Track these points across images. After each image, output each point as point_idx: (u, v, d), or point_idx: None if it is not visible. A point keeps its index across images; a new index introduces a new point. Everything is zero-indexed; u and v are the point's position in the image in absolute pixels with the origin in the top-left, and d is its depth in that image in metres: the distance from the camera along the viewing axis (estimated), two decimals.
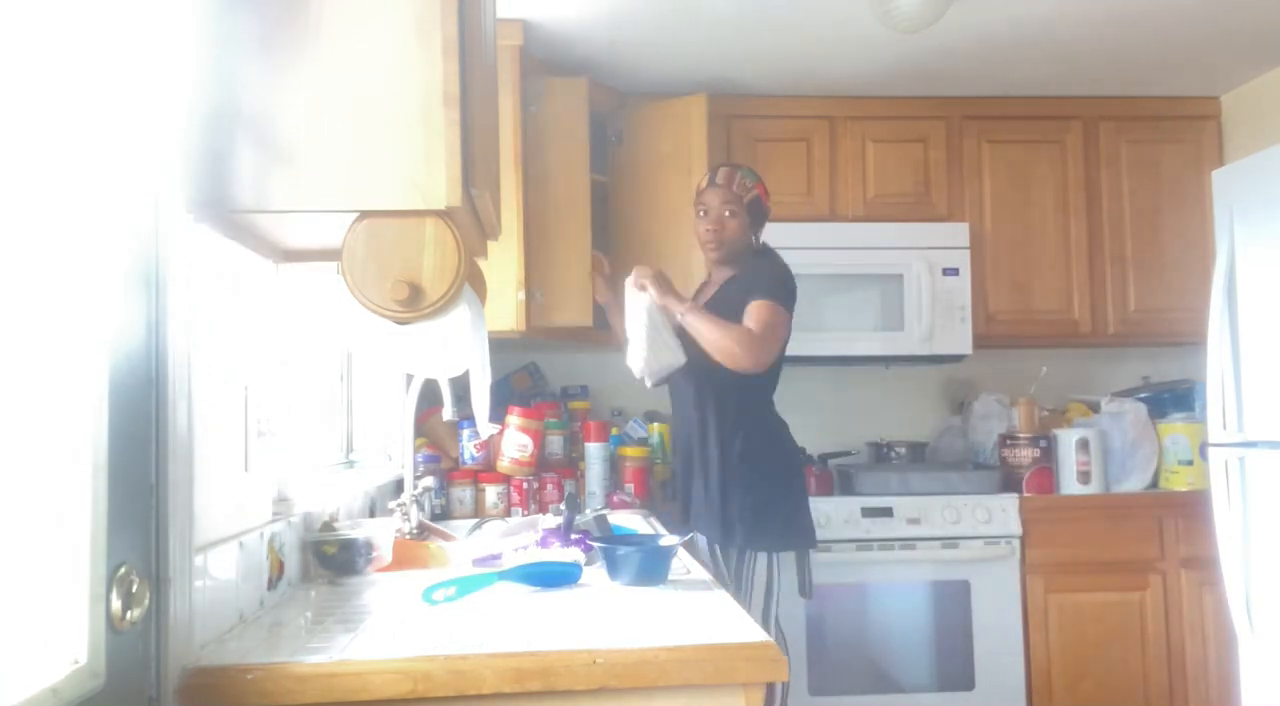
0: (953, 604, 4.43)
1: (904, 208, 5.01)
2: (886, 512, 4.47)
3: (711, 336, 3.38)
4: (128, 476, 1.53)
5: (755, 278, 3.52)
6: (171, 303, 1.65)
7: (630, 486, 4.32)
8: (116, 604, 1.46)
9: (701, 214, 3.64)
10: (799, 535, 3.52)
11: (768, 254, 3.65)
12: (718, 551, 3.48)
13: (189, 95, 1.79)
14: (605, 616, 2.07)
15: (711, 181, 3.64)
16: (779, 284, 3.48)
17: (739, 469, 3.46)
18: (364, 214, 1.90)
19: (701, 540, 3.52)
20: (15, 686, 1.26)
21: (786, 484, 3.53)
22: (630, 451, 4.42)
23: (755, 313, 3.39)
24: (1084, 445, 4.59)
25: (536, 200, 4.37)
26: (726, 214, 3.60)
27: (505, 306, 4.13)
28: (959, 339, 4.82)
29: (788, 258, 3.69)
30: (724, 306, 3.49)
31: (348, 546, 2.53)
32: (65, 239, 1.41)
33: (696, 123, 4.63)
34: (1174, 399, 4.96)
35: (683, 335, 3.48)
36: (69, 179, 1.43)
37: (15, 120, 1.31)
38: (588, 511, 3.16)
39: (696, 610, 2.12)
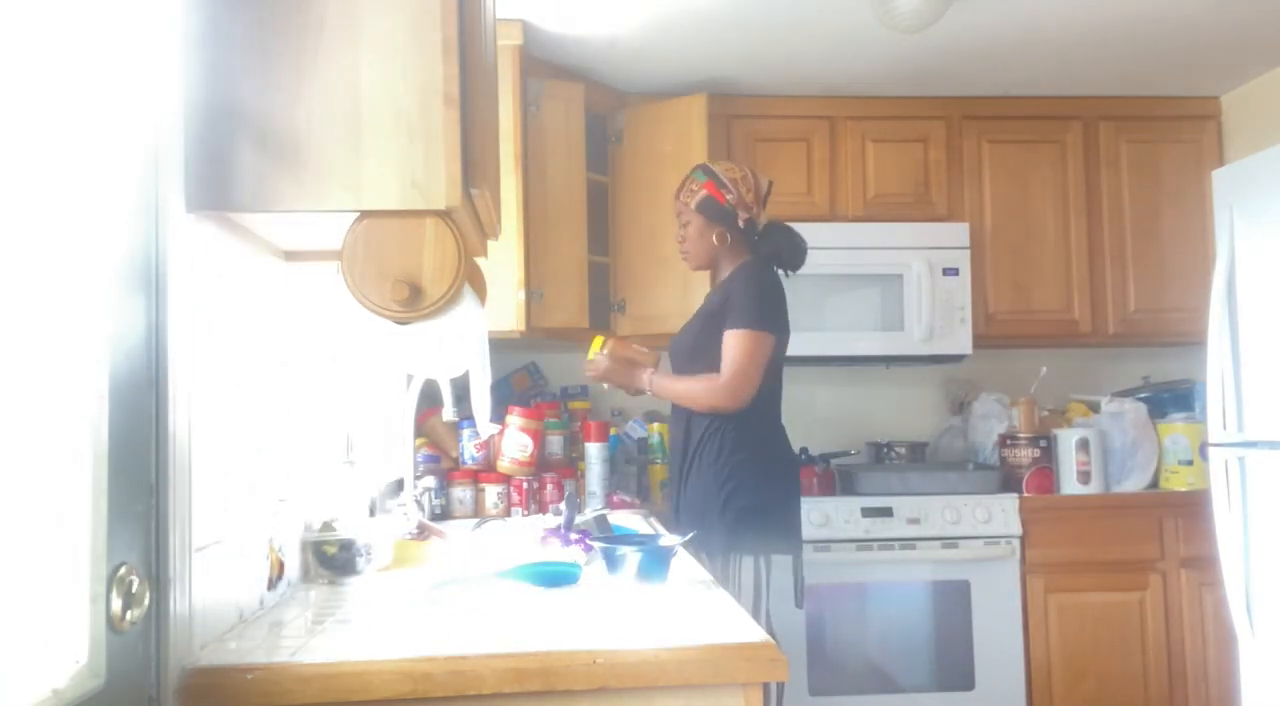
0: (953, 604, 4.43)
1: (904, 207, 5.02)
2: (886, 512, 4.47)
3: (685, 397, 3.48)
4: (128, 476, 1.53)
5: (729, 297, 3.48)
6: (172, 303, 1.65)
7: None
8: (117, 604, 1.46)
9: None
10: (786, 539, 3.48)
11: (748, 264, 3.57)
12: (703, 557, 3.45)
13: (189, 95, 1.80)
14: (605, 616, 2.07)
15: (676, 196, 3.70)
16: (751, 304, 3.42)
17: (724, 471, 3.41)
18: (364, 214, 1.91)
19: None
20: (16, 686, 1.26)
21: (774, 487, 3.47)
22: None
23: (726, 348, 3.39)
24: (1084, 445, 4.60)
25: (537, 200, 4.38)
26: (681, 224, 3.67)
27: (505, 306, 4.14)
28: (959, 339, 4.82)
29: None
30: (704, 318, 3.55)
31: (348, 546, 2.53)
32: (65, 239, 1.41)
33: (696, 122, 4.64)
34: (1174, 399, 4.96)
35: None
36: (70, 180, 1.43)
37: (14, 121, 1.31)
38: (588, 511, 3.16)
39: (696, 610, 2.12)
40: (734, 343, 3.37)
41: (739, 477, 3.38)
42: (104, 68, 1.50)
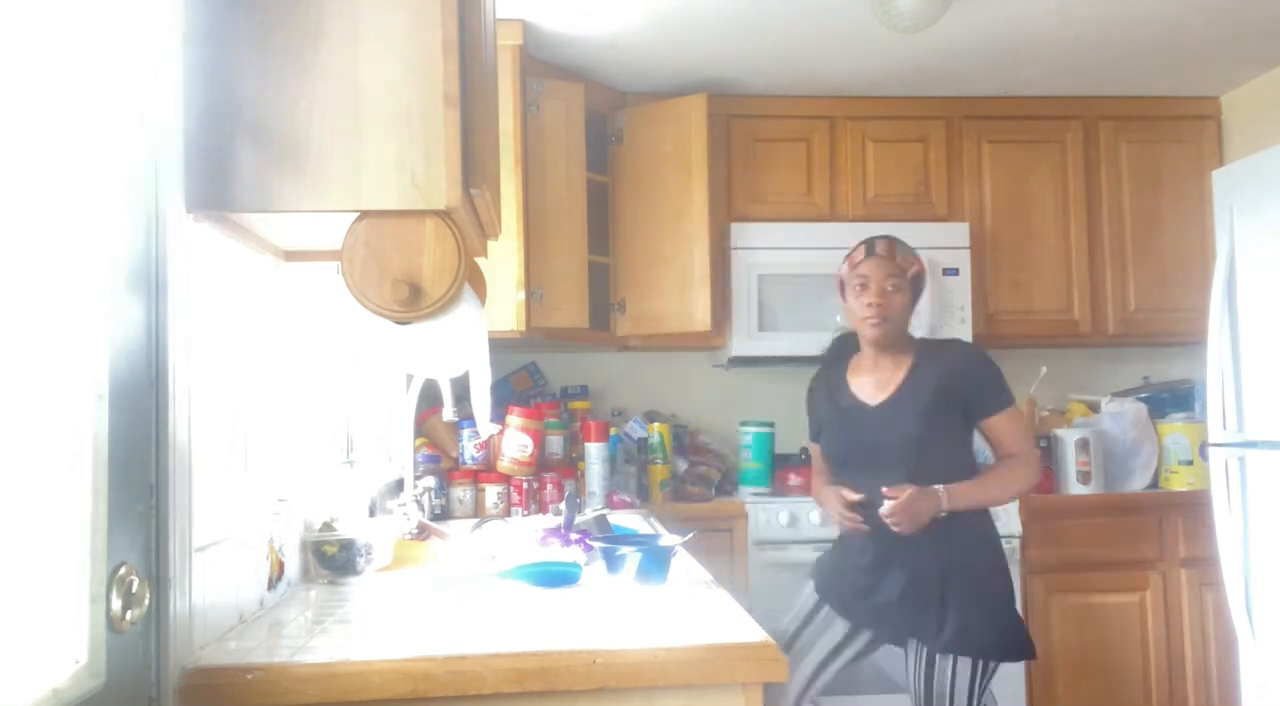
0: None
1: (904, 207, 5.02)
2: None
3: (1004, 489, 3.17)
4: (128, 477, 1.54)
5: (975, 384, 3.21)
6: (171, 304, 1.66)
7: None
8: (117, 604, 1.47)
9: (859, 288, 3.22)
10: (1014, 644, 3.12)
11: (961, 345, 3.38)
12: (912, 647, 3.12)
13: (188, 95, 1.81)
14: (605, 616, 2.08)
15: (870, 252, 3.25)
16: (1003, 383, 3.22)
17: (959, 562, 3.07)
18: (364, 214, 1.92)
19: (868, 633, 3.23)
20: (17, 686, 1.27)
21: (1002, 582, 3.14)
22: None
23: (1009, 430, 3.18)
24: (1084, 445, 4.61)
25: (537, 200, 4.39)
26: (890, 288, 3.20)
27: (505, 306, 4.15)
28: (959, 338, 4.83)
29: (787, 258, 3.71)
30: (918, 397, 3.14)
31: (348, 546, 2.55)
32: (65, 241, 1.42)
33: (696, 122, 4.65)
34: (1174, 399, 4.98)
35: None
36: (69, 181, 1.43)
37: (13, 122, 1.31)
38: (588, 511, 3.17)
39: (696, 610, 2.13)
40: (1013, 423, 3.18)
41: (973, 572, 3.12)
42: (103, 68, 1.51)
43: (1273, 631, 3.70)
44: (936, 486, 3.03)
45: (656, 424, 4.70)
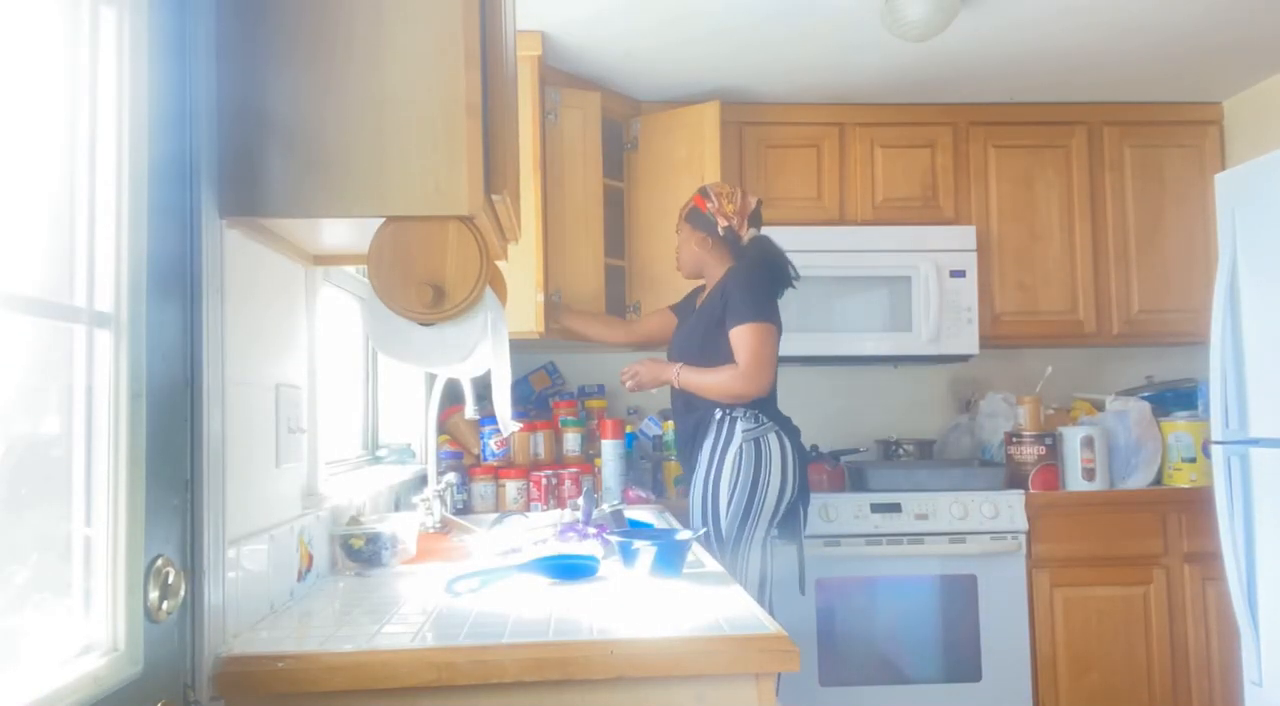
0: (960, 597, 4.47)
1: (912, 211, 5.07)
2: (895, 508, 4.52)
3: (709, 388, 3.68)
4: (164, 473, 1.59)
5: (728, 300, 3.70)
6: (205, 306, 1.73)
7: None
8: (154, 595, 1.53)
9: None
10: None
11: (737, 267, 3.77)
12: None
13: (221, 105, 1.86)
14: (622, 608, 2.11)
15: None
16: (748, 301, 3.64)
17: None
18: (389, 219, 1.96)
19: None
20: (59, 672, 1.33)
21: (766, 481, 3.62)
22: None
23: (738, 342, 3.62)
24: (1089, 442, 4.63)
25: (555, 205, 4.45)
26: (677, 234, 4.02)
27: (525, 308, 4.20)
28: (965, 339, 4.87)
29: (797, 260, 3.76)
30: (706, 322, 3.76)
31: (374, 539, 2.59)
32: (105, 246, 1.48)
33: (709, 129, 4.69)
34: (1177, 397, 4.99)
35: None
36: (113, 189, 1.50)
37: (48, 130, 1.38)
38: (604, 506, 3.21)
39: (710, 602, 2.16)
40: (744, 335, 3.59)
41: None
42: (137, 78, 1.56)
43: (1274, 625, 3.73)
44: (675, 364, 3.79)
45: (671, 421, 4.74)
